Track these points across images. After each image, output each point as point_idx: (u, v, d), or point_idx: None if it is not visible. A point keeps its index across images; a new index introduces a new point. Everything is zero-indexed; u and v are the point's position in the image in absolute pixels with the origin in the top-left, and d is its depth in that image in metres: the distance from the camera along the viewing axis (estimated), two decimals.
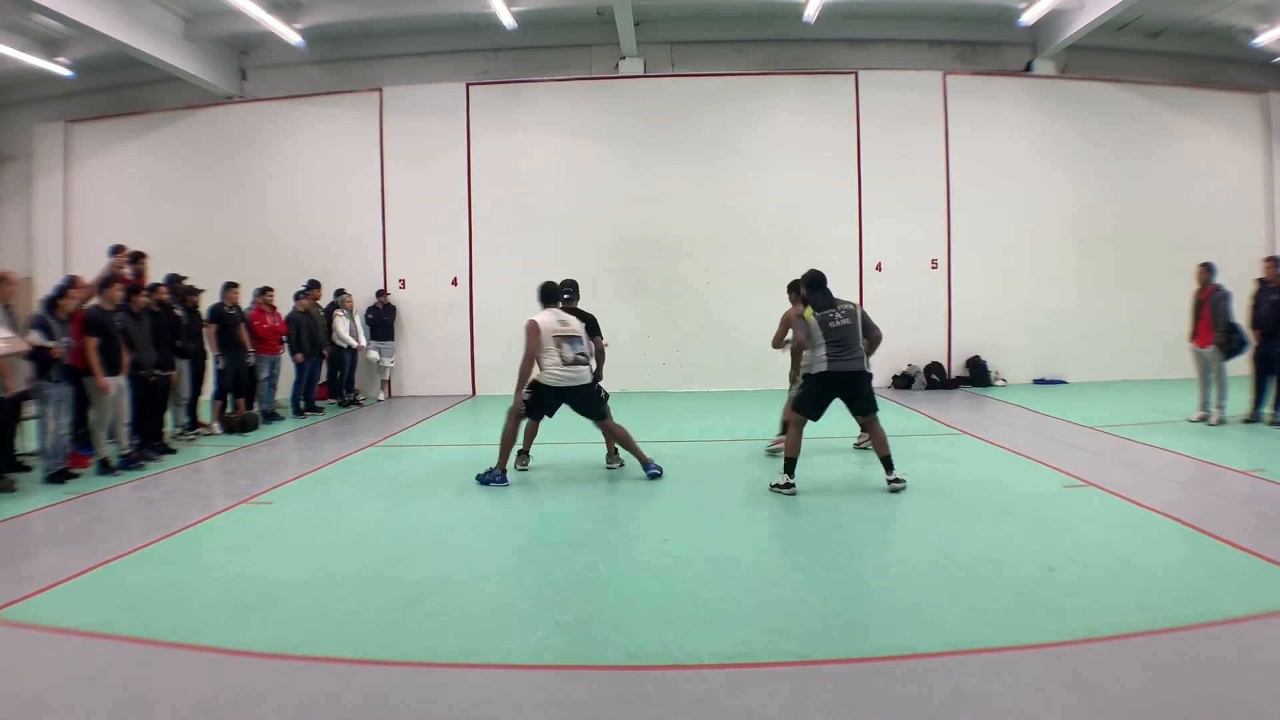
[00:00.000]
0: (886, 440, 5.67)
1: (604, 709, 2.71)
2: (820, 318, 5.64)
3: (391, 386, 12.28)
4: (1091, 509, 5.09)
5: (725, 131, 12.11)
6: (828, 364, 5.56)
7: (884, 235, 12.01)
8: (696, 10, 11.94)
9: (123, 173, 12.65)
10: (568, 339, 6.16)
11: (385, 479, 6.44)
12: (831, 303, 5.71)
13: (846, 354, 5.57)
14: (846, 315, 5.64)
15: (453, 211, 12.20)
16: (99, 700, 2.85)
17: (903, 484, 5.58)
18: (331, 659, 3.10)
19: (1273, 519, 4.72)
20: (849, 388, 5.64)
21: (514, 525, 5.13)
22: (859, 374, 5.62)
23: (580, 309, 6.64)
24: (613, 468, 6.54)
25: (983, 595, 3.63)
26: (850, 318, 5.64)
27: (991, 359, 12.03)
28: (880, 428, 5.71)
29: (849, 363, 5.57)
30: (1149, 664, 2.94)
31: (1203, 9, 11.35)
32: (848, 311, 5.67)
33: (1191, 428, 7.91)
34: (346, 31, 11.87)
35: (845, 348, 5.57)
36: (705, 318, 12.09)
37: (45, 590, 3.92)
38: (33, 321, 6.44)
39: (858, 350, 5.62)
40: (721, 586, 3.82)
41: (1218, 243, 10.74)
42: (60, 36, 11.40)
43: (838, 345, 5.56)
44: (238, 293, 9.25)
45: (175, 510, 5.51)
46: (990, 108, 12.17)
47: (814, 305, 5.73)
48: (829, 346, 5.56)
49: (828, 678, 2.88)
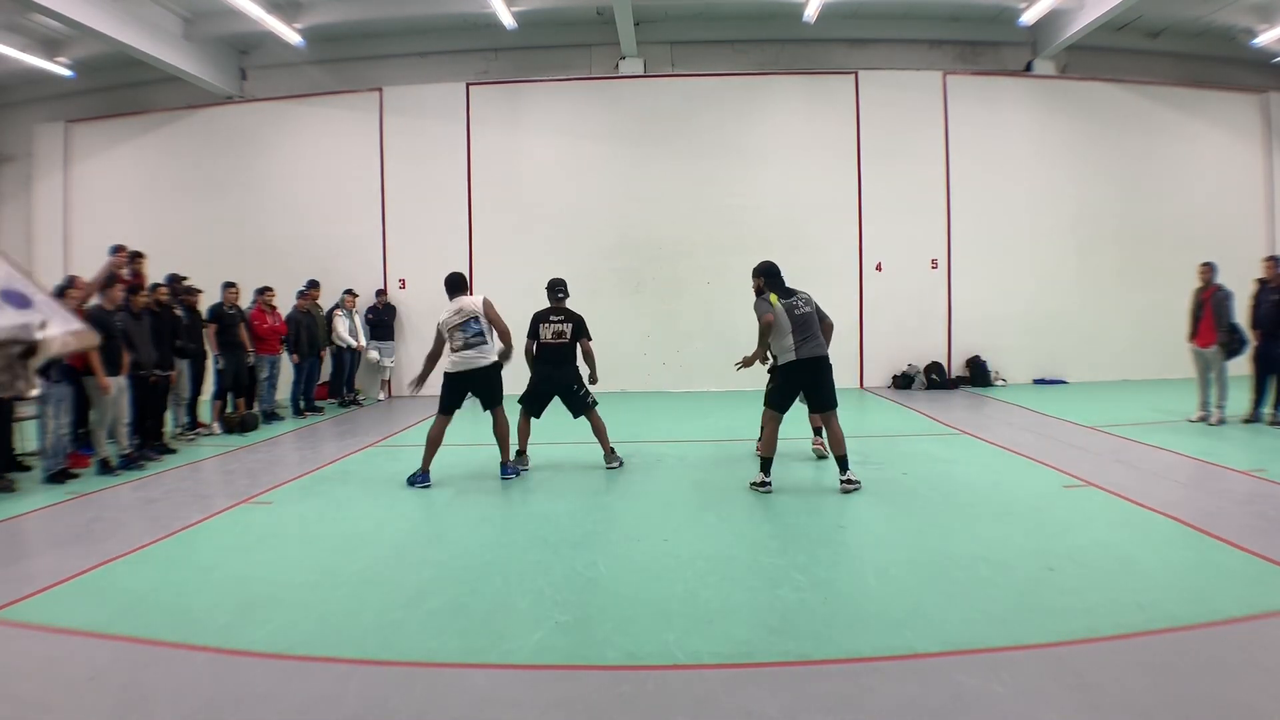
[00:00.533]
0: (844, 440, 5.68)
1: (604, 709, 2.71)
2: (786, 305, 5.65)
3: (391, 386, 12.28)
4: (1091, 509, 5.10)
5: (725, 131, 12.11)
6: (795, 353, 5.59)
7: (884, 235, 12.00)
8: (696, 10, 11.94)
9: (123, 173, 12.65)
10: (460, 325, 6.15)
11: (385, 479, 6.44)
12: (791, 292, 5.76)
13: (812, 341, 5.63)
14: (807, 304, 5.71)
15: (453, 212, 12.20)
16: (99, 700, 2.85)
17: (856, 485, 5.60)
18: (331, 659, 3.10)
19: (1273, 519, 4.72)
20: (815, 376, 5.65)
21: (514, 525, 5.13)
22: (824, 359, 5.68)
23: (569, 309, 6.62)
24: (612, 467, 6.54)
25: (983, 595, 3.63)
26: (810, 305, 5.72)
27: (991, 359, 12.02)
28: (838, 426, 5.71)
29: (814, 349, 5.62)
30: (1149, 664, 2.94)
31: (1203, 9, 11.35)
32: (806, 300, 5.74)
33: (1191, 428, 7.91)
34: (346, 31, 11.87)
35: (810, 335, 5.64)
36: (705, 318, 12.09)
37: (45, 590, 3.91)
38: None
39: (820, 338, 5.70)
40: (721, 586, 3.82)
41: (1218, 243, 10.72)
42: (60, 36, 11.40)
43: (803, 333, 5.61)
44: (237, 293, 9.25)
45: (175, 510, 5.51)
46: (990, 108, 12.17)
47: (777, 293, 5.72)
48: (795, 334, 5.59)
49: (828, 678, 2.88)
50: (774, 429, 5.72)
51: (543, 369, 6.50)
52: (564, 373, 6.48)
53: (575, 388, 6.47)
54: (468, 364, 6.13)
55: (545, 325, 6.51)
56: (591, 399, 6.54)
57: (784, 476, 6.04)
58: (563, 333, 6.47)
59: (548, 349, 6.48)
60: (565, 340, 6.47)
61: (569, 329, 6.46)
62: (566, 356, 6.49)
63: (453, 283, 6.42)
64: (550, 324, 6.49)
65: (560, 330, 6.47)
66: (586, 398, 6.50)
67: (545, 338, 6.49)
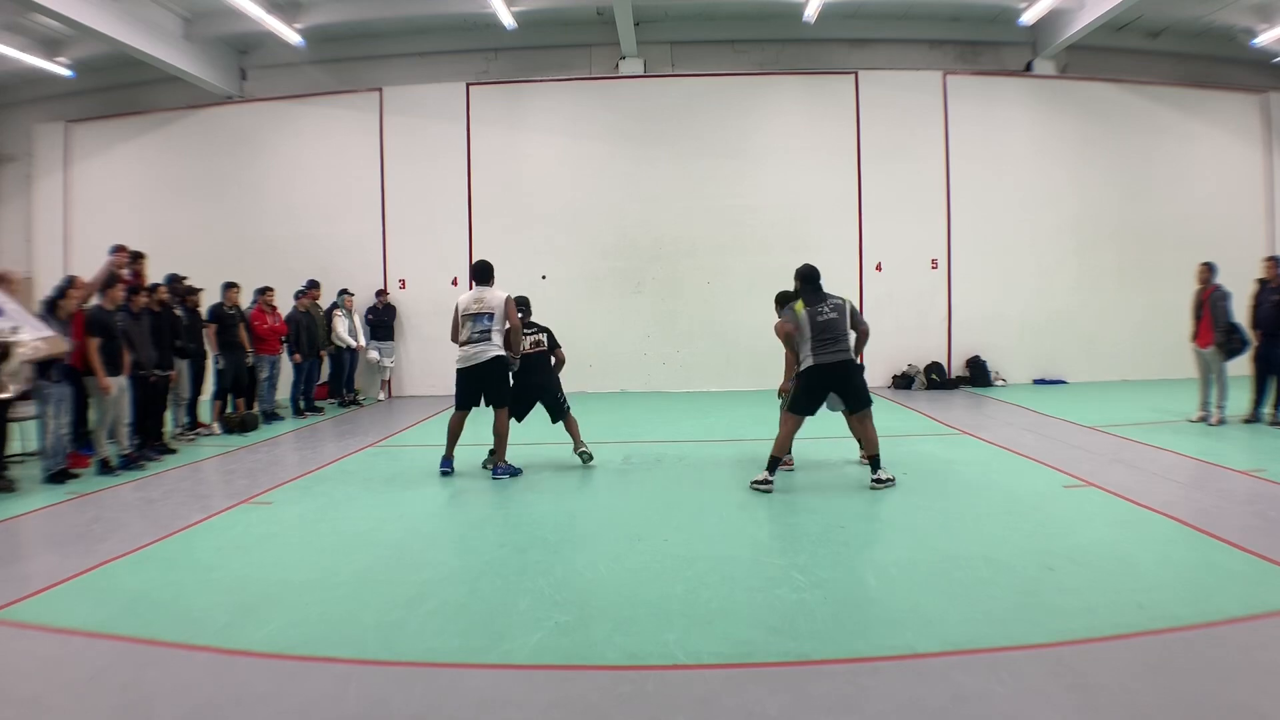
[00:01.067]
0: (877, 440, 5.77)
1: (604, 709, 2.70)
2: (809, 312, 5.72)
3: (391, 386, 12.28)
4: (1091, 509, 5.09)
5: (725, 131, 12.11)
6: (813, 358, 5.65)
7: (884, 235, 12.01)
8: (696, 10, 11.94)
9: (122, 173, 12.65)
10: (474, 316, 6.30)
11: (385, 479, 6.44)
12: (821, 298, 5.80)
13: (831, 346, 5.65)
14: (834, 310, 5.73)
15: (453, 211, 12.20)
16: (99, 700, 2.85)
17: (890, 482, 5.68)
18: (331, 659, 3.10)
19: (1273, 519, 4.72)
20: (838, 379, 5.69)
21: (514, 525, 5.13)
22: (846, 363, 5.69)
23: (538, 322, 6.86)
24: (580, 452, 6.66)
25: (983, 595, 3.63)
26: (838, 312, 5.73)
27: (991, 359, 12.02)
28: (871, 426, 5.80)
29: (834, 354, 5.65)
30: (1149, 664, 2.94)
31: (1203, 9, 11.34)
32: (835, 306, 5.75)
33: (1191, 428, 7.91)
34: (346, 31, 11.86)
35: (831, 340, 5.66)
36: (705, 318, 12.09)
37: (45, 590, 3.91)
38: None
39: (844, 343, 5.71)
40: (721, 586, 3.82)
41: (1218, 243, 10.72)
42: (60, 36, 11.39)
43: (822, 339, 5.65)
44: (237, 293, 9.26)
45: (175, 510, 5.51)
46: (990, 108, 12.17)
47: (804, 300, 5.80)
48: (814, 341, 5.66)
49: (828, 678, 2.88)
50: (789, 430, 5.77)
51: (524, 378, 6.70)
52: (543, 380, 6.72)
53: (558, 395, 6.73)
54: (471, 359, 6.30)
55: (524, 337, 6.71)
56: (567, 405, 6.79)
57: (784, 477, 6.04)
58: (540, 342, 6.75)
59: (528, 359, 6.71)
60: (543, 349, 6.75)
61: (544, 338, 6.77)
62: (544, 365, 6.77)
63: (479, 270, 6.55)
64: (527, 335, 6.72)
65: (537, 340, 6.75)
66: (564, 404, 6.77)
67: (525, 348, 6.69)
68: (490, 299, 6.32)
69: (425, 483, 6.28)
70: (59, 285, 6.88)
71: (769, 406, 10.13)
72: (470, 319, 6.29)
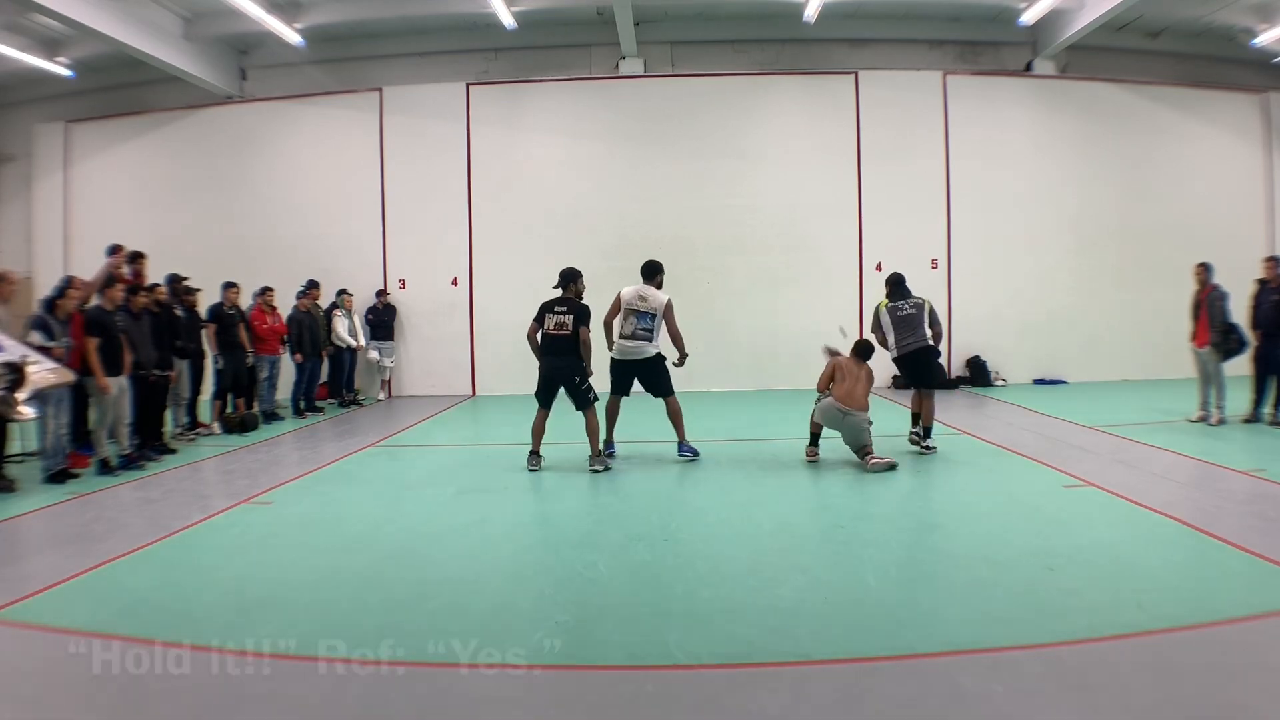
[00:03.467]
0: (934, 414, 6.94)
1: (604, 709, 2.71)
2: (891, 308, 7.06)
3: (391, 386, 12.27)
4: (1091, 509, 5.09)
5: (725, 132, 12.10)
6: (896, 349, 6.98)
7: (884, 235, 11.97)
8: (696, 10, 11.93)
9: (123, 173, 12.63)
10: (636, 312, 6.71)
11: (385, 479, 6.44)
12: (904, 295, 7.13)
13: (909, 335, 6.94)
14: (913, 306, 7.04)
15: (453, 211, 12.18)
16: (99, 700, 2.84)
17: (931, 450, 6.78)
18: (331, 659, 3.10)
19: (1273, 519, 4.71)
20: (916, 362, 6.95)
21: (514, 525, 5.13)
22: (923, 349, 6.92)
23: (572, 299, 6.60)
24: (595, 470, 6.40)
25: (983, 595, 3.63)
26: (916, 309, 7.02)
27: (991, 359, 12.01)
28: (932, 402, 6.92)
29: (912, 344, 6.92)
30: (1149, 664, 2.94)
31: (1203, 9, 11.34)
32: (915, 304, 7.08)
33: (1191, 428, 7.90)
34: (346, 31, 11.85)
35: (909, 331, 6.94)
36: (705, 318, 12.04)
37: (45, 590, 3.91)
38: (33, 322, 6.44)
39: (921, 332, 6.94)
40: (722, 586, 3.82)
41: (1218, 243, 10.70)
42: (60, 36, 11.38)
43: (902, 330, 6.95)
44: (237, 293, 9.25)
45: (175, 510, 5.50)
46: (990, 107, 12.16)
47: (889, 298, 7.16)
48: (896, 332, 6.96)
49: (828, 678, 2.88)
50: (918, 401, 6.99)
51: (545, 359, 6.56)
52: (565, 363, 6.46)
53: (577, 380, 6.47)
54: (632, 354, 6.72)
55: (550, 315, 6.53)
56: (593, 395, 6.52)
57: (784, 477, 6.05)
58: (564, 324, 6.47)
59: (549, 339, 6.51)
60: (566, 332, 6.46)
61: (570, 320, 6.47)
62: (566, 347, 6.47)
63: (646, 268, 7.03)
64: (554, 314, 6.52)
65: (562, 321, 6.48)
66: (588, 393, 6.49)
67: (548, 328, 6.51)
68: (654, 300, 6.75)
69: (425, 483, 6.28)
70: (59, 285, 6.88)
71: (769, 406, 10.17)
72: (634, 314, 6.69)
